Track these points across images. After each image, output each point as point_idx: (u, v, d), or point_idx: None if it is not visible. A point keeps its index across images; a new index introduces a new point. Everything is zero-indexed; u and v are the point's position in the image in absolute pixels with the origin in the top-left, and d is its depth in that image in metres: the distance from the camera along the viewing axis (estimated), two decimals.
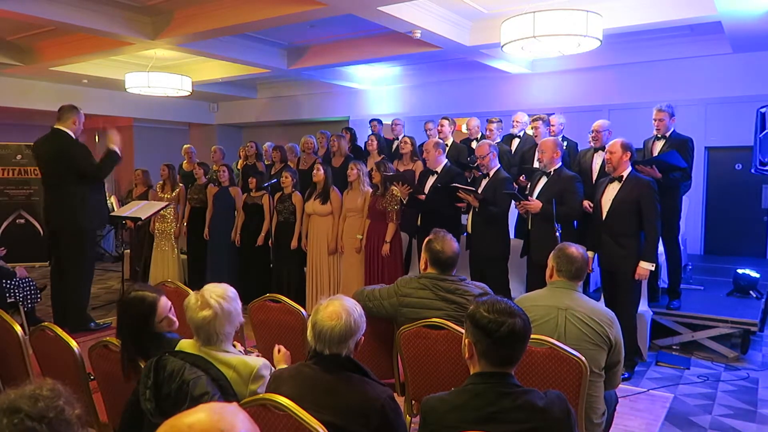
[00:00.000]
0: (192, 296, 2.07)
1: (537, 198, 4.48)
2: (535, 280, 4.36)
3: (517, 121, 6.34)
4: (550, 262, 2.70)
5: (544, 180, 4.56)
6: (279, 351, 2.48)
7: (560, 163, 4.56)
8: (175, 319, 2.36)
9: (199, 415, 1.04)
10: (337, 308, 1.91)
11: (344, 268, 5.62)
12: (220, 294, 2.05)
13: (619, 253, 4.21)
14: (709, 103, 7.71)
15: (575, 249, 2.65)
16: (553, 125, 5.83)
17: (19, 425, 1.04)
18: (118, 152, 5.10)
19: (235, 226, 6.40)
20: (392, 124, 7.27)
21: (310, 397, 1.80)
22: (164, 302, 2.32)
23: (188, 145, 8.07)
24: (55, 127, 4.89)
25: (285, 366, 2.30)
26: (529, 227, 4.64)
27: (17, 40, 7.69)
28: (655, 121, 4.93)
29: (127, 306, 2.30)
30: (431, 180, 5.18)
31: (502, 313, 1.71)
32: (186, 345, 2.08)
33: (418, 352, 2.69)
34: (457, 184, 4.77)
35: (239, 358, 2.06)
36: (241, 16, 5.95)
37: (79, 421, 1.14)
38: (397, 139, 7.05)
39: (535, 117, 5.81)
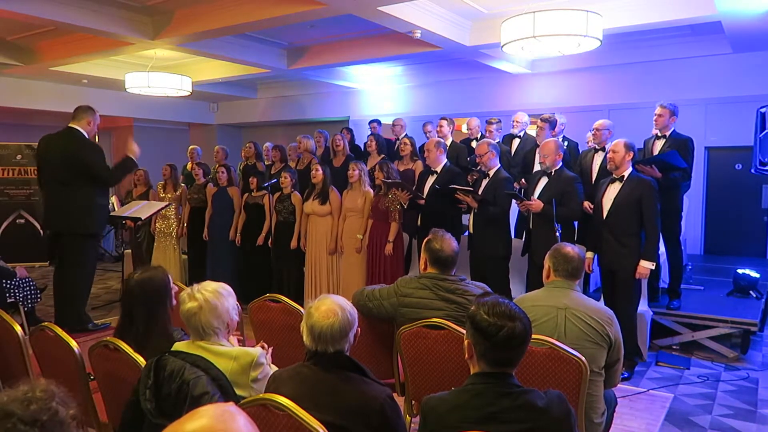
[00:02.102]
0: (185, 290, 2.13)
1: (538, 198, 4.48)
2: (536, 280, 4.36)
3: (517, 121, 6.33)
4: (547, 262, 2.71)
5: (544, 180, 4.56)
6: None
7: (561, 164, 4.56)
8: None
9: (200, 421, 1.04)
10: (330, 306, 1.93)
11: (344, 268, 5.62)
12: (211, 289, 2.09)
13: (621, 251, 4.21)
14: (709, 103, 7.71)
15: (571, 248, 2.66)
16: (555, 125, 5.82)
17: (11, 430, 1.03)
18: (135, 161, 5.08)
19: (234, 225, 6.41)
20: (393, 125, 7.26)
21: (309, 397, 1.81)
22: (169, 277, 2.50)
23: (194, 146, 8.04)
24: (69, 125, 4.83)
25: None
26: (530, 227, 4.64)
27: (17, 40, 7.69)
28: (655, 116, 4.92)
29: (144, 283, 2.40)
30: (431, 180, 5.18)
31: (502, 317, 1.71)
32: (180, 345, 2.09)
33: (418, 352, 2.69)
34: (455, 185, 4.76)
35: (240, 348, 2.12)
36: (241, 16, 5.94)
37: (74, 421, 1.14)
38: (398, 139, 7.05)
39: (544, 117, 5.77)
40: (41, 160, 4.95)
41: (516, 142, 6.27)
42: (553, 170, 4.52)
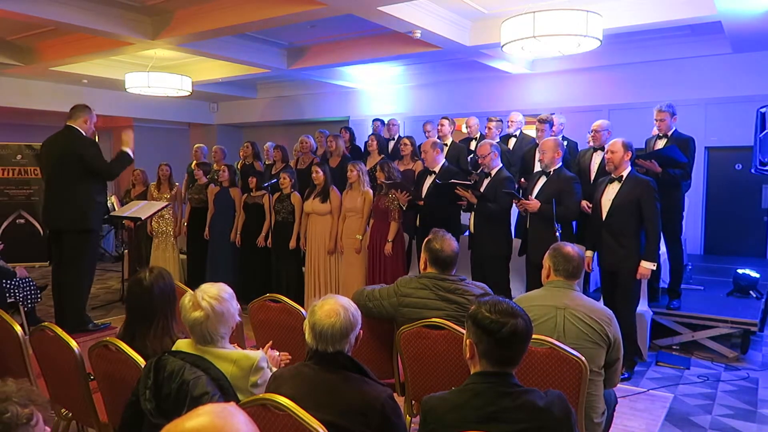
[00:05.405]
0: (187, 296, 2.07)
1: (536, 198, 4.48)
2: (534, 280, 4.36)
3: (512, 121, 6.32)
4: (546, 262, 2.70)
5: (543, 180, 4.56)
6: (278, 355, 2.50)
7: (560, 164, 4.56)
8: None
9: (200, 419, 1.04)
10: (334, 306, 1.92)
11: (344, 268, 5.62)
12: (213, 295, 2.04)
13: (620, 252, 4.21)
14: (709, 103, 7.71)
15: (571, 248, 2.66)
16: (553, 125, 5.81)
17: None
18: (130, 154, 5.11)
19: (235, 226, 6.41)
20: (388, 124, 7.26)
21: (310, 397, 1.80)
22: None
23: (200, 145, 7.98)
24: (67, 124, 4.85)
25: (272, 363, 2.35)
26: (527, 226, 4.64)
27: (17, 40, 7.69)
28: (657, 121, 4.93)
29: (158, 277, 2.40)
30: (429, 180, 5.18)
31: (504, 314, 1.71)
32: (183, 344, 2.08)
33: (418, 352, 2.69)
34: (454, 180, 4.76)
35: (240, 352, 2.09)
36: (241, 16, 5.95)
37: (29, 423, 1.16)
38: (393, 138, 7.05)
39: (541, 118, 5.76)
40: (43, 160, 4.98)
41: (512, 141, 6.26)
42: (551, 170, 4.52)
